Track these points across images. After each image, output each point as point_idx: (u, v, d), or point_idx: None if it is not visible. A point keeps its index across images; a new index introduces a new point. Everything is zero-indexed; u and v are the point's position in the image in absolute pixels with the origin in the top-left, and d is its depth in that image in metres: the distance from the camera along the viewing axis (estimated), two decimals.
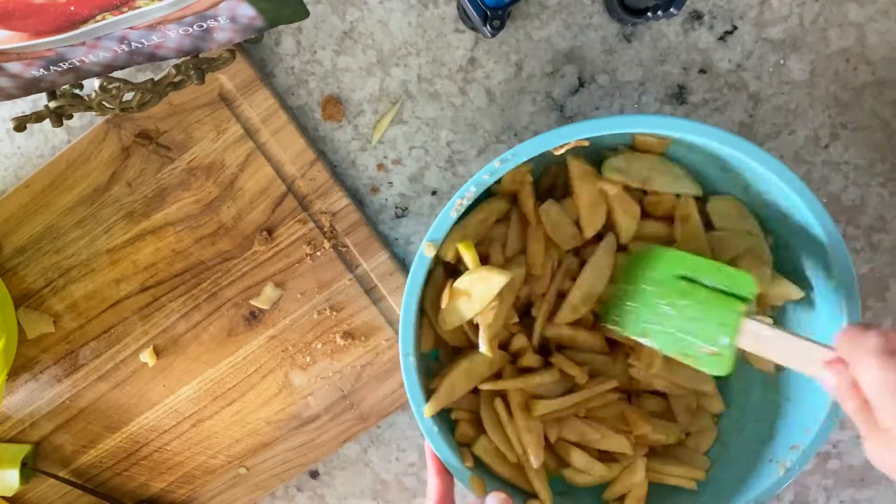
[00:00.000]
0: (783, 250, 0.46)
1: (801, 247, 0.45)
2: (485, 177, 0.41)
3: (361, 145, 0.53)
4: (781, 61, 0.52)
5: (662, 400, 0.50)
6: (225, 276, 0.54)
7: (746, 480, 0.45)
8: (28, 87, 0.43)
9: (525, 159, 0.41)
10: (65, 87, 0.46)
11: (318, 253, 0.53)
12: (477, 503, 0.44)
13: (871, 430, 0.33)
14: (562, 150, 0.42)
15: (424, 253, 0.42)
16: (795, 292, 0.45)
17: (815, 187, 0.53)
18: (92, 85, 0.45)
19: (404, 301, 0.43)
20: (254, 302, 0.54)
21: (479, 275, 0.43)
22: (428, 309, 0.47)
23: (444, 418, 0.46)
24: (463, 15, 0.50)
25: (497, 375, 0.48)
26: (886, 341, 0.32)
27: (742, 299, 0.40)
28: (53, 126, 0.46)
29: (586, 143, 0.42)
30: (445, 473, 0.44)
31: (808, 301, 0.46)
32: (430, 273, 0.47)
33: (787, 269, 0.46)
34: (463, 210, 0.42)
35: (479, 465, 0.46)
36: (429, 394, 0.44)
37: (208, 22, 0.41)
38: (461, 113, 0.53)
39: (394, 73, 0.52)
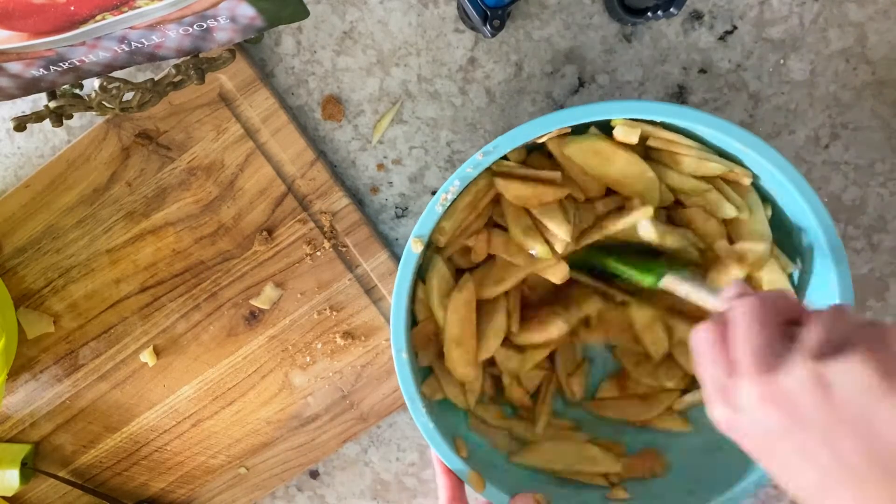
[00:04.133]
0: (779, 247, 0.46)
1: (798, 245, 0.45)
2: (468, 170, 0.41)
3: (361, 145, 0.53)
4: (781, 61, 0.52)
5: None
6: (225, 276, 0.54)
7: (743, 465, 0.45)
8: (28, 87, 0.43)
9: (507, 151, 0.41)
10: (65, 87, 0.46)
11: (318, 253, 0.53)
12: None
13: (722, 402, 0.33)
14: (544, 139, 0.43)
15: (412, 249, 0.42)
16: (788, 264, 0.46)
17: (816, 187, 0.53)
18: (92, 85, 0.45)
19: (394, 297, 0.43)
20: (254, 302, 0.54)
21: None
22: (434, 306, 0.47)
23: (440, 413, 0.46)
24: (463, 15, 0.50)
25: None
26: (821, 349, 0.30)
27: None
28: (53, 126, 0.46)
29: (568, 131, 0.42)
30: (453, 473, 0.44)
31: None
32: (428, 270, 0.47)
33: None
34: (448, 204, 0.42)
35: (480, 461, 0.46)
36: (423, 393, 0.44)
37: (208, 22, 0.41)
38: (461, 113, 0.53)
39: (394, 73, 0.52)
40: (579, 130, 0.44)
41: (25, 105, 0.54)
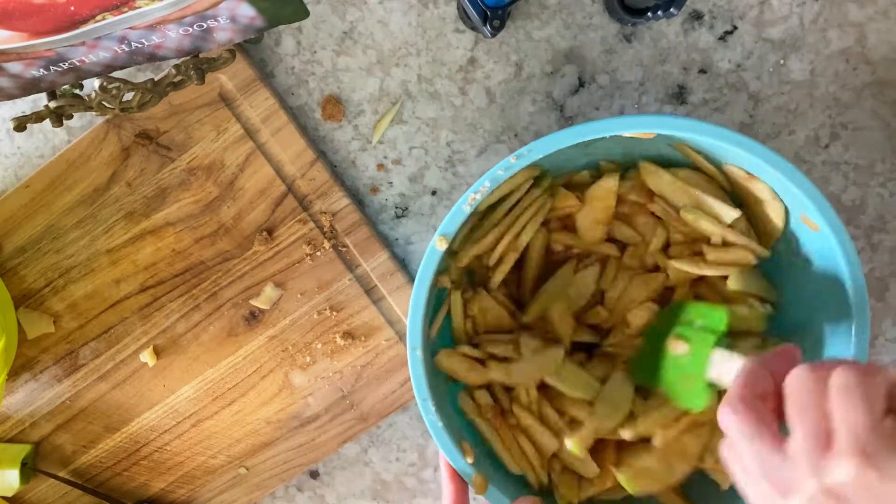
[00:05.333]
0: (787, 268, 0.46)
1: (809, 258, 0.45)
2: (499, 172, 0.41)
3: (361, 145, 0.53)
4: (781, 61, 0.52)
5: None
6: (225, 276, 0.54)
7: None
8: (28, 87, 0.43)
9: (540, 156, 0.41)
10: (65, 87, 0.46)
11: (318, 253, 0.53)
12: None
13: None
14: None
15: (436, 247, 0.42)
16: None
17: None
18: (92, 85, 0.45)
19: (413, 294, 0.43)
20: (254, 302, 0.54)
21: None
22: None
23: (448, 413, 0.46)
24: (463, 15, 0.50)
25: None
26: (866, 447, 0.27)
27: (714, 333, 0.41)
28: (53, 126, 0.46)
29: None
30: (459, 478, 0.44)
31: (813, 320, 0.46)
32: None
33: (790, 283, 0.46)
34: (476, 205, 0.42)
35: (484, 463, 0.46)
36: (434, 391, 0.44)
37: (208, 22, 0.41)
38: (461, 113, 0.53)
39: (394, 73, 0.52)
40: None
41: (25, 105, 0.54)
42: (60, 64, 0.41)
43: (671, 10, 0.47)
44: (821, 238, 0.42)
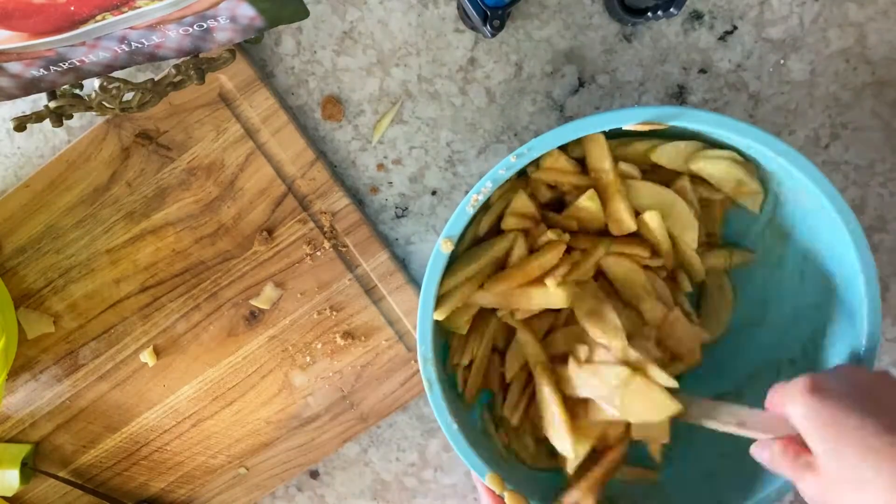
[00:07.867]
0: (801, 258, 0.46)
1: (822, 250, 0.45)
2: (501, 171, 0.41)
3: (361, 145, 0.53)
4: (781, 61, 0.52)
5: None
6: (225, 276, 0.54)
7: (757, 474, 0.45)
8: (28, 87, 0.43)
9: (540, 154, 0.41)
10: (65, 87, 0.46)
11: (318, 253, 0.53)
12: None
13: (804, 472, 0.35)
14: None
15: (441, 250, 0.42)
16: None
17: None
18: (92, 85, 0.45)
19: (422, 298, 0.42)
20: (254, 302, 0.54)
21: None
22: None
23: (464, 418, 0.46)
24: (463, 15, 0.50)
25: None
26: (812, 380, 0.35)
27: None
28: (53, 126, 0.46)
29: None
30: (495, 495, 0.44)
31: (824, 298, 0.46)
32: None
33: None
34: (479, 206, 0.42)
35: (498, 463, 0.46)
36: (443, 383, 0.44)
37: (208, 22, 0.41)
38: (461, 113, 0.53)
39: (394, 73, 0.52)
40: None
41: (25, 105, 0.54)
42: (60, 64, 0.41)
43: (671, 10, 0.47)
44: (826, 221, 0.42)
